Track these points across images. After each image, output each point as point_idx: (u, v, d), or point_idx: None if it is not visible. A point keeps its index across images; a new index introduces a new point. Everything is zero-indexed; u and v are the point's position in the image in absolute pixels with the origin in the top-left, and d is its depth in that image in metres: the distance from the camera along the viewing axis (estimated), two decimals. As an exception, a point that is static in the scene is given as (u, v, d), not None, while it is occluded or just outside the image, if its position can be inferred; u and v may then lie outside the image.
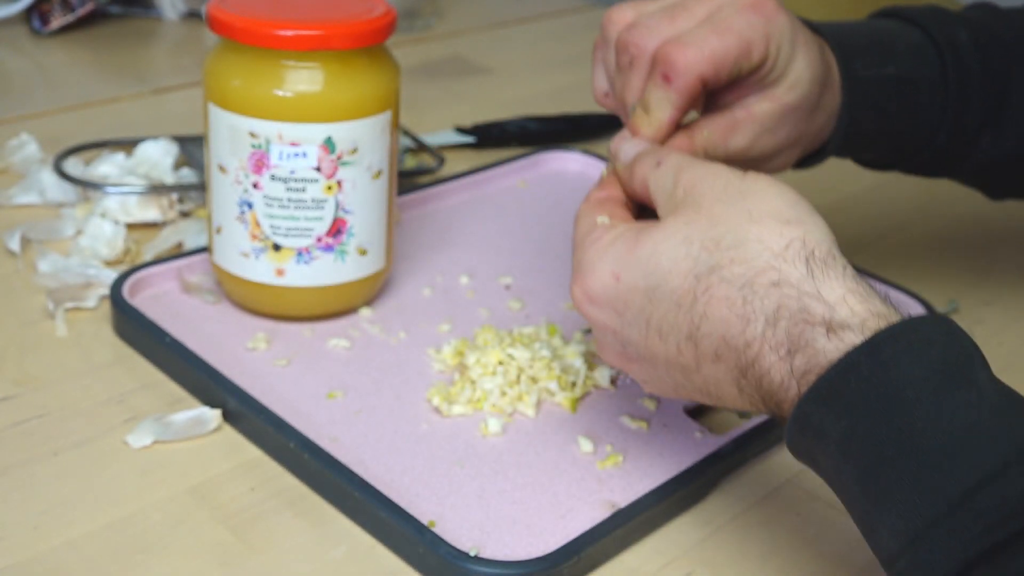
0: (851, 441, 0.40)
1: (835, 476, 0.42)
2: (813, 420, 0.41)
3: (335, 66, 0.59)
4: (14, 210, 0.76)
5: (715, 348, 0.44)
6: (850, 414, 0.40)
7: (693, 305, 0.45)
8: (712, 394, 0.47)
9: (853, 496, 0.41)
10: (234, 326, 0.64)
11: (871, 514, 0.40)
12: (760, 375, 0.43)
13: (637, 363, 0.49)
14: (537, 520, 0.52)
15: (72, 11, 1.08)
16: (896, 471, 0.39)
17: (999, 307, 0.75)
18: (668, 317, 0.45)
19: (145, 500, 0.52)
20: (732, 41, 0.52)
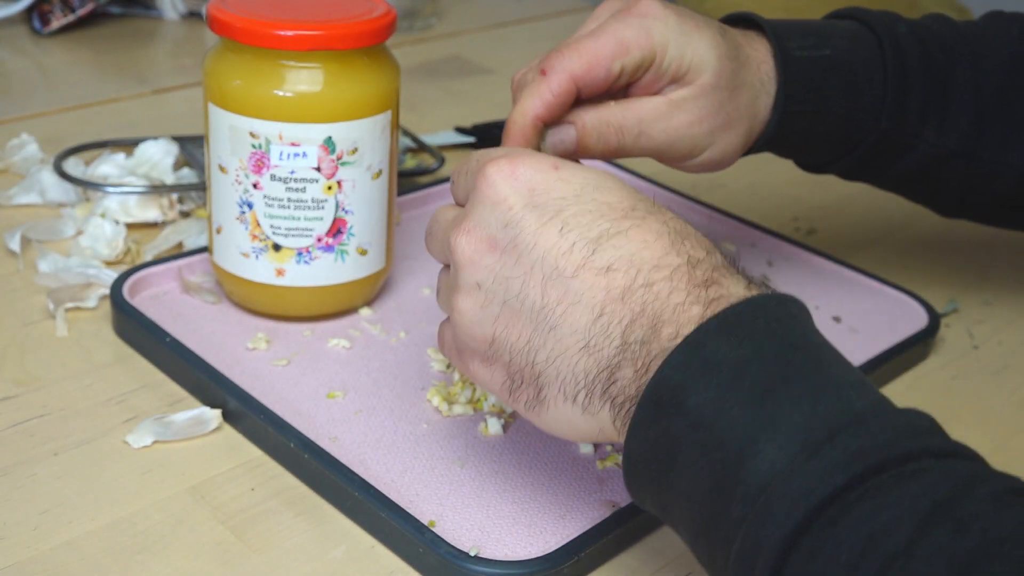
0: (748, 365, 0.39)
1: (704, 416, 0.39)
2: (707, 348, 0.40)
3: (335, 66, 0.59)
4: (14, 210, 0.76)
5: (614, 260, 0.43)
6: (751, 342, 0.39)
7: (620, 220, 0.44)
8: (547, 324, 0.43)
9: (728, 430, 0.38)
10: (234, 326, 0.64)
11: (751, 443, 0.38)
12: (656, 294, 0.42)
13: (493, 254, 0.45)
14: (537, 520, 0.52)
15: (72, 11, 1.08)
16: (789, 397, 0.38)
17: (999, 307, 0.75)
18: (585, 218, 0.44)
19: (145, 500, 0.52)
20: (606, 42, 0.55)
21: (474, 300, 0.45)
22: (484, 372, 0.47)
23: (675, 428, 0.40)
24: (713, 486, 0.38)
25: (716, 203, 0.83)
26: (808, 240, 0.80)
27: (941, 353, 0.69)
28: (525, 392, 0.45)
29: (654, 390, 0.40)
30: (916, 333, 0.68)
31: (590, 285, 0.43)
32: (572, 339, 0.43)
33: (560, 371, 0.44)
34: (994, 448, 0.60)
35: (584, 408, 0.44)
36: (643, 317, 0.42)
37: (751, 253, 0.77)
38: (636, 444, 0.41)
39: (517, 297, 0.44)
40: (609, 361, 0.42)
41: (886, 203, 0.75)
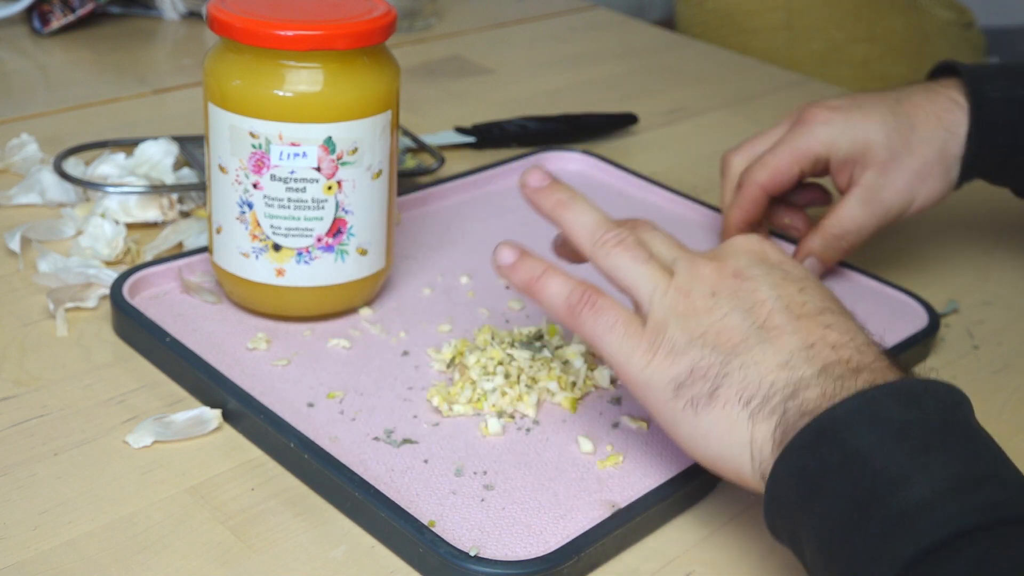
0: (911, 426, 0.43)
1: (861, 453, 0.43)
2: (879, 403, 0.44)
3: (335, 66, 0.59)
4: (14, 210, 0.76)
5: (834, 324, 0.49)
6: (919, 410, 0.44)
7: (841, 307, 0.51)
8: (759, 339, 0.48)
9: (882, 467, 0.43)
10: (234, 326, 0.64)
11: (904, 479, 0.42)
12: (863, 356, 0.47)
13: (737, 280, 0.51)
14: (537, 520, 0.52)
15: (72, 11, 1.08)
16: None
17: (999, 307, 0.75)
18: (817, 293, 0.51)
19: (145, 500, 0.52)
20: (783, 155, 0.70)
21: (703, 304, 0.50)
22: (663, 361, 0.49)
23: (829, 458, 0.43)
24: (855, 508, 0.42)
25: (716, 203, 0.83)
26: (808, 240, 0.80)
27: (941, 353, 0.69)
28: (696, 388, 0.48)
29: (819, 422, 0.44)
30: (916, 333, 0.68)
31: (810, 329, 0.49)
32: (775, 357, 0.48)
33: (747, 377, 0.48)
34: (994, 448, 0.60)
35: (752, 413, 0.47)
36: (847, 364, 0.47)
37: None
38: (784, 466, 0.45)
39: (743, 312, 0.49)
40: (800, 381, 0.47)
41: (886, 203, 0.75)
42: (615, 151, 0.93)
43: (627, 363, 0.51)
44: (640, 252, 0.52)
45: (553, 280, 0.53)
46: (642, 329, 0.51)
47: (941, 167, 0.69)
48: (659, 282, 0.51)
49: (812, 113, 0.68)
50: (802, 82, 1.16)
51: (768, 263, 0.52)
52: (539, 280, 0.54)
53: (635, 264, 0.52)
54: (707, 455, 0.49)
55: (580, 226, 0.54)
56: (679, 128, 1.00)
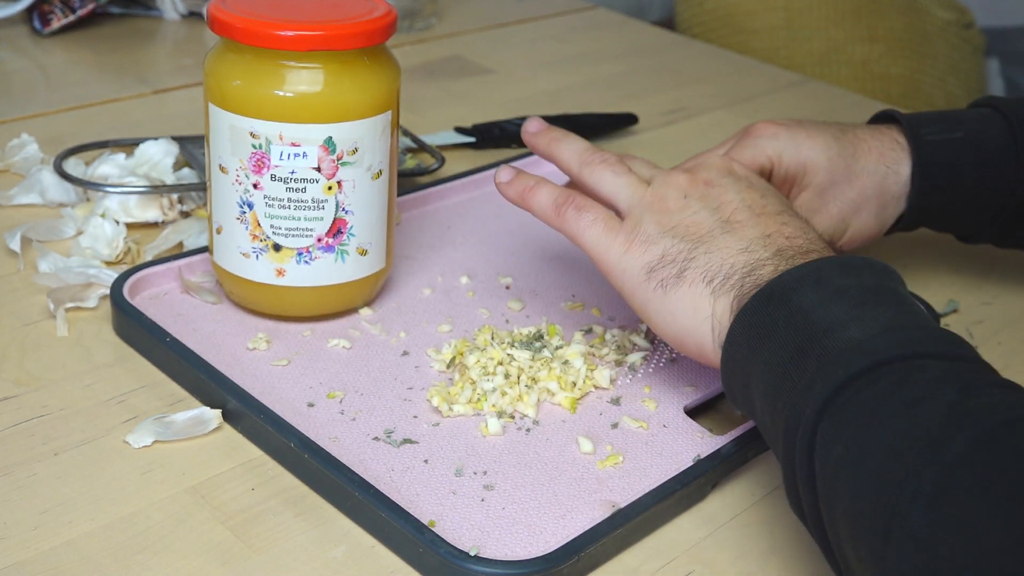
0: (850, 289, 0.49)
1: (804, 308, 0.49)
2: (822, 272, 0.50)
3: (335, 66, 0.59)
4: (14, 210, 0.76)
5: (789, 222, 0.56)
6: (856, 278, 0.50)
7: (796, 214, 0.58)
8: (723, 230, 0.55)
9: (821, 317, 0.49)
10: (234, 326, 0.64)
11: (840, 326, 0.48)
12: (811, 243, 0.54)
13: (707, 186, 0.58)
14: (537, 520, 0.52)
15: (72, 11, 1.08)
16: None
17: (999, 307, 0.75)
18: (778, 202, 0.58)
19: (145, 500, 0.52)
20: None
21: (675, 204, 0.57)
22: (638, 249, 0.56)
23: (776, 314, 0.50)
24: (795, 351, 0.48)
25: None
26: (808, 240, 0.80)
27: (941, 353, 0.69)
28: (667, 270, 0.55)
29: (768, 288, 0.51)
30: (916, 333, 0.68)
31: (768, 223, 0.56)
32: (736, 244, 0.55)
33: (711, 260, 0.55)
34: (994, 448, 0.60)
35: (714, 290, 0.54)
36: (799, 248, 0.54)
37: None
38: (739, 325, 0.51)
39: (711, 210, 0.57)
40: (756, 262, 0.53)
41: (886, 203, 0.75)
42: (615, 151, 0.93)
43: (607, 253, 0.57)
44: (621, 167, 0.60)
45: (542, 188, 0.60)
46: (619, 225, 0.58)
47: (878, 203, 0.69)
48: (637, 188, 0.59)
49: (759, 127, 0.68)
50: (802, 82, 1.16)
51: (735, 175, 0.60)
52: (531, 190, 0.61)
53: (616, 176, 0.60)
54: (673, 330, 0.55)
55: (569, 153, 0.62)
56: (679, 128, 1.00)
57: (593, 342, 0.64)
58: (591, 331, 0.66)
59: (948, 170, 0.69)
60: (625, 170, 0.60)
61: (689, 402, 0.60)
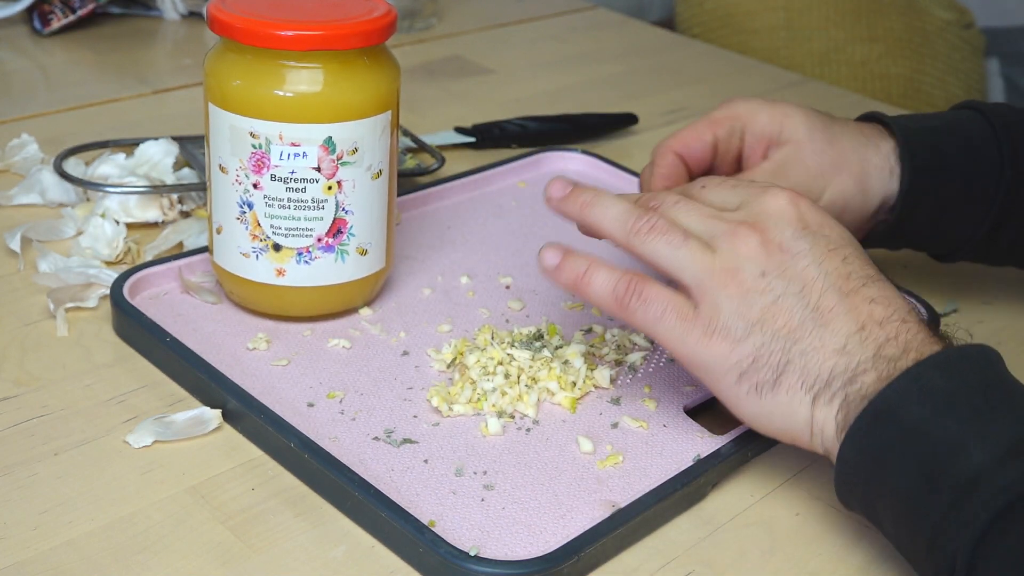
0: (957, 393, 0.47)
1: (917, 428, 0.47)
2: (924, 378, 0.48)
3: (335, 66, 0.59)
4: (14, 210, 0.76)
5: (878, 297, 0.52)
6: (960, 377, 0.48)
7: (879, 273, 0.53)
8: (815, 322, 0.51)
9: (939, 437, 0.46)
10: (234, 326, 0.64)
11: (961, 447, 0.46)
12: (908, 329, 0.50)
13: (784, 255, 0.52)
14: (537, 520, 0.52)
15: (72, 11, 1.08)
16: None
17: (999, 307, 0.75)
18: (859, 260, 0.53)
19: (145, 500, 0.52)
20: (698, 122, 0.68)
21: (753, 284, 0.52)
22: (721, 346, 0.51)
23: (888, 435, 0.47)
24: (922, 480, 0.46)
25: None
26: (808, 240, 0.80)
27: (941, 353, 0.69)
28: (761, 374, 0.51)
29: (874, 406, 0.48)
30: (916, 333, 0.67)
31: (858, 307, 0.51)
32: (832, 341, 0.51)
33: (808, 364, 0.51)
34: (994, 448, 0.60)
35: (814, 398, 0.51)
36: (896, 342, 0.50)
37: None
38: (849, 448, 0.49)
39: (796, 295, 0.51)
40: (858, 366, 0.50)
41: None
42: (615, 151, 0.93)
43: (683, 345, 0.52)
44: (675, 235, 0.53)
45: (597, 275, 0.54)
46: (693, 312, 0.52)
47: (860, 167, 0.66)
48: (702, 262, 0.52)
49: (735, 97, 0.68)
50: (802, 82, 1.16)
51: (810, 230, 0.53)
52: (584, 276, 0.54)
53: (672, 248, 0.53)
54: (769, 431, 0.53)
55: (610, 221, 0.55)
56: (679, 128, 1.00)
57: (593, 342, 0.64)
58: (591, 331, 0.66)
59: (932, 152, 0.66)
60: (681, 238, 0.53)
61: (689, 402, 0.60)
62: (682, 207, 0.55)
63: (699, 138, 0.67)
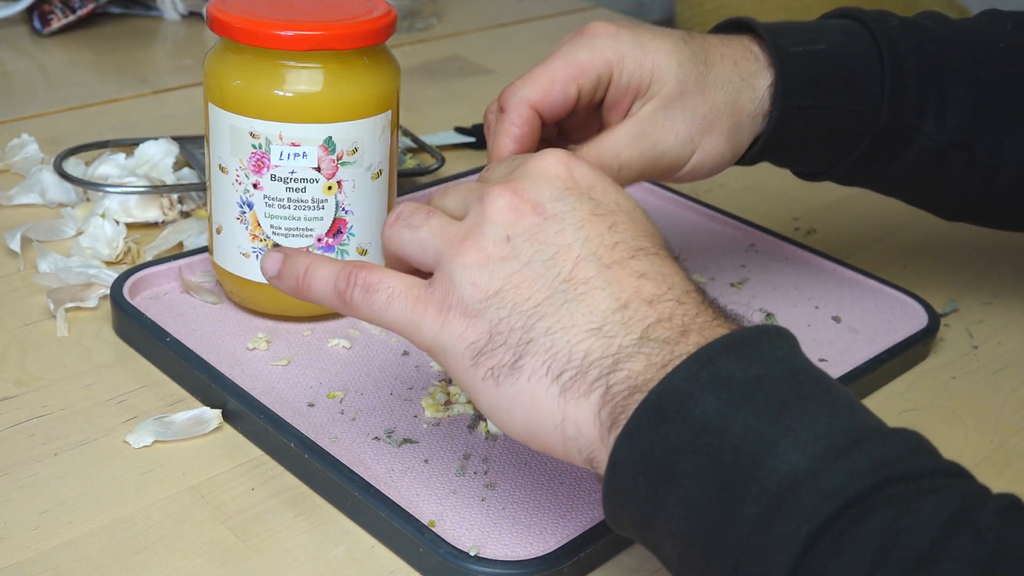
0: (759, 383, 0.39)
1: (713, 424, 0.38)
2: (716, 363, 0.39)
3: (335, 66, 0.59)
4: (15, 210, 0.76)
5: (649, 271, 0.43)
6: (761, 364, 0.40)
7: (659, 247, 0.45)
8: (565, 296, 0.42)
9: (741, 436, 0.38)
10: (234, 326, 0.64)
11: (769, 447, 0.37)
12: (685, 310, 0.42)
13: (536, 216, 0.44)
14: (537, 520, 0.52)
15: (72, 11, 1.08)
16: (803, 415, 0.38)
17: (999, 307, 0.75)
18: (632, 229, 0.44)
19: (145, 500, 0.52)
20: (558, 66, 0.57)
21: (496, 249, 0.43)
22: (457, 323, 0.43)
23: (677, 435, 0.38)
24: (720, 490, 0.37)
25: (716, 203, 0.83)
26: (808, 240, 0.80)
27: (941, 353, 0.69)
28: (498, 355, 0.42)
29: (656, 398, 0.39)
30: (916, 333, 0.68)
31: (622, 280, 0.43)
32: (585, 318, 0.42)
33: (555, 344, 0.42)
34: (994, 448, 0.60)
35: (563, 389, 0.41)
36: (670, 322, 0.42)
37: (750, 253, 0.77)
38: (625, 452, 0.39)
39: (545, 262, 0.43)
40: (619, 350, 0.41)
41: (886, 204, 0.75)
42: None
43: (418, 332, 0.44)
44: (417, 216, 0.46)
45: (317, 272, 0.47)
46: (426, 291, 0.44)
47: (731, 122, 0.59)
48: (443, 233, 0.45)
49: (596, 26, 0.58)
50: (802, 82, 1.16)
51: (575, 191, 0.45)
52: (304, 278, 0.48)
53: (413, 230, 0.46)
54: (512, 429, 0.43)
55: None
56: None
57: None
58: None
59: (814, 89, 0.60)
60: (423, 217, 0.46)
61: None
62: (452, 190, 0.48)
63: (563, 91, 0.56)
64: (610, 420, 0.41)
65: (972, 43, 0.64)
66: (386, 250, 0.48)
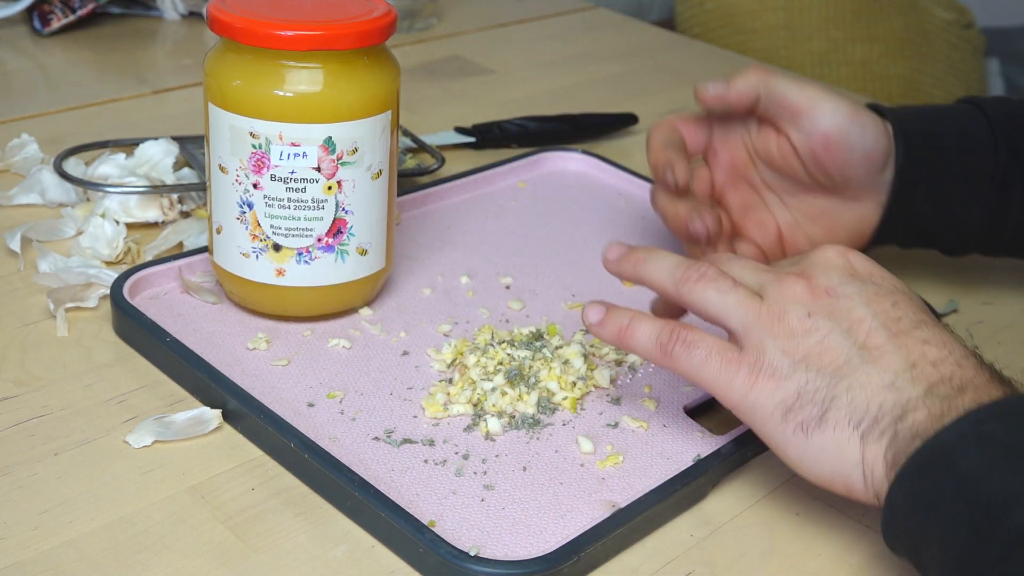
0: (1019, 445, 0.44)
1: (973, 474, 0.44)
2: (985, 425, 0.45)
3: (335, 66, 0.59)
4: (14, 210, 0.76)
5: (931, 339, 0.50)
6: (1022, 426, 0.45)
7: (934, 320, 0.52)
8: (861, 359, 0.49)
9: (996, 488, 0.43)
10: (234, 326, 0.64)
11: (1017, 498, 0.43)
12: (964, 372, 0.49)
13: (831, 298, 0.52)
14: (537, 520, 0.52)
15: (72, 11, 1.08)
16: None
17: (999, 307, 0.75)
18: (911, 307, 0.52)
19: (145, 500, 0.52)
20: (751, 70, 0.67)
21: (799, 325, 0.51)
22: (767, 384, 0.50)
23: (943, 482, 0.45)
24: (974, 530, 0.43)
25: (716, 203, 0.83)
26: (808, 240, 0.80)
27: (941, 353, 0.69)
28: (806, 411, 0.49)
29: (929, 449, 0.46)
30: (916, 333, 0.67)
31: (909, 346, 0.50)
32: (880, 377, 0.49)
33: (855, 399, 0.49)
34: (994, 448, 0.60)
35: (863, 435, 0.48)
36: (950, 382, 0.48)
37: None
38: (899, 493, 0.46)
39: (842, 332, 0.50)
40: (907, 402, 0.48)
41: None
42: (615, 151, 0.93)
43: (729, 389, 0.51)
44: (724, 281, 0.53)
45: (640, 326, 0.54)
46: (739, 355, 0.51)
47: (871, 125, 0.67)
48: (749, 307, 0.52)
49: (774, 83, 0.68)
50: (802, 82, 1.16)
51: (859, 277, 0.53)
52: (627, 329, 0.54)
53: (721, 294, 0.53)
54: (819, 474, 0.50)
55: (661, 272, 0.55)
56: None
57: (593, 342, 0.64)
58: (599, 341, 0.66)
59: (927, 136, 0.67)
60: (730, 285, 0.53)
61: (689, 402, 0.60)
62: (735, 263, 0.56)
63: (748, 90, 0.67)
64: (893, 460, 0.47)
65: None
66: (684, 301, 0.54)
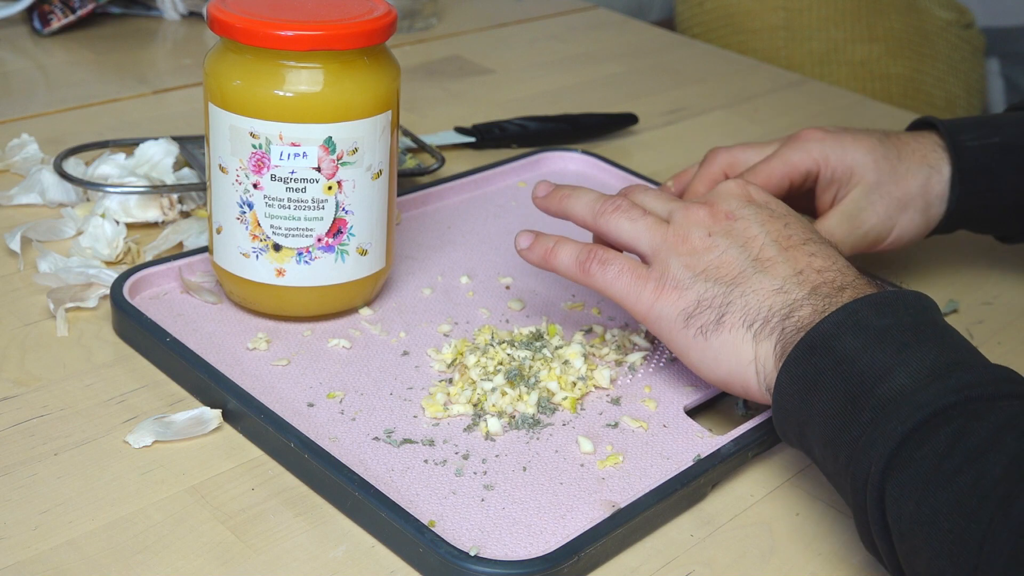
0: (889, 330, 0.50)
1: (848, 355, 0.50)
2: (859, 314, 0.51)
3: (335, 66, 0.59)
4: (15, 210, 0.76)
5: (817, 252, 0.57)
6: (894, 316, 0.51)
7: (823, 239, 0.59)
8: (755, 269, 0.56)
9: (868, 364, 0.49)
10: (234, 326, 0.64)
11: (887, 372, 0.49)
12: (844, 277, 0.55)
13: (729, 220, 0.58)
14: (537, 520, 0.52)
15: (72, 11, 1.08)
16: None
17: (999, 307, 0.75)
18: (801, 228, 0.59)
19: (145, 500, 0.52)
20: (776, 165, 0.70)
21: (700, 243, 0.57)
22: (671, 295, 0.57)
23: (822, 363, 0.51)
24: (847, 402, 0.49)
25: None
26: (808, 240, 0.80)
27: (941, 353, 0.69)
28: (704, 316, 0.56)
29: (810, 337, 0.52)
30: (916, 333, 0.68)
31: (797, 257, 0.57)
32: (770, 283, 0.55)
33: (748, 303, 0.55)
34: (994, 448, 0.60)
35: (755, 334, 0.55)
36: (832, 284, 0.55)
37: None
38: (785, 376, 0.52)
39: (740, 247, 0.57)
40: (793, 302, 0.54)
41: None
42: (615, 151, 0.93)
43: (638, 301, 0.58)
44: (635, 211, 0.60)
45: (563, 247, 0.60)
46: (647, 271, 0.58)
47: (923, 201, 0.70)
48: (657, 231, 0.59)
49: (805, 132, 0.71)
50: (801, 82, 1.16)
51: (755, 203, 0.60)
52: (552, 251, 0.60)
53: (632, 222, 0.59)
54: (717, 375, 0.56)
55: (582, 206, 0.62)
56: (679, 128, 1.00)
57: (593, 342, 0.64)
58: (591, 331, 0.66)
59: (987, 175, 0.70)
60: (640, 213, 0.60)
61: (689, 402, 0.61)
62: (649, 194, 0.62)
63: (778, 183, 0.70)
64: (782, 353, 0.53)
65: None
66: (601, 231, 0.61)
